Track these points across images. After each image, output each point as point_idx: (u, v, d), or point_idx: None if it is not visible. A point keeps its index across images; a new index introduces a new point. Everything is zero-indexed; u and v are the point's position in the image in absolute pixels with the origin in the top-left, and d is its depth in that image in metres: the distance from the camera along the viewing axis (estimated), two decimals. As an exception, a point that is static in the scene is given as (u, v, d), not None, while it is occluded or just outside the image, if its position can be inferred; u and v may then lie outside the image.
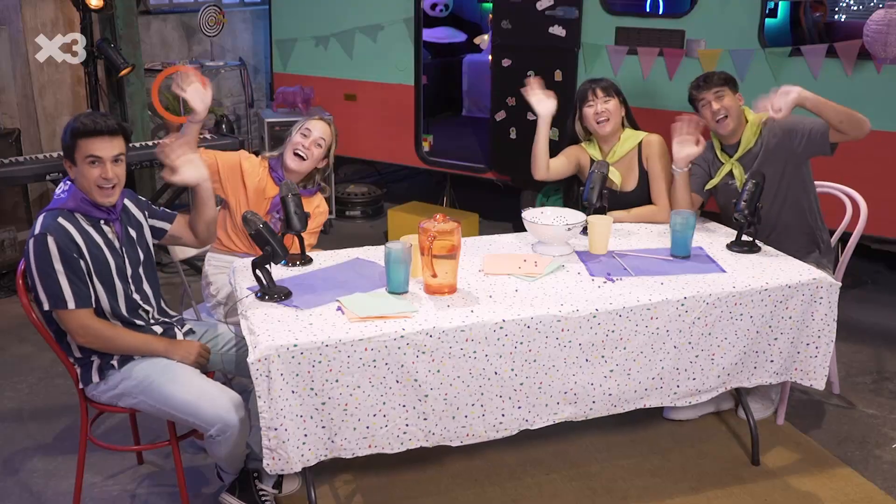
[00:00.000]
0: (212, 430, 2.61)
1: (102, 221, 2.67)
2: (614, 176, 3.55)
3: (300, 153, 3.32)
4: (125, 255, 2.72)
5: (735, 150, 3.41)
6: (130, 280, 2.73)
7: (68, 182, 2.68)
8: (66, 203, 2.62)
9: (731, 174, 3.42)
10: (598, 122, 3.55)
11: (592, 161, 3.64)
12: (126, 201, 2.80)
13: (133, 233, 2.77)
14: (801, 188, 3.40)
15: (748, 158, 3.39)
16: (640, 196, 3.59)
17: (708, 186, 3.50)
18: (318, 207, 3.44)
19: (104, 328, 2.63)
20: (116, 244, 2.70)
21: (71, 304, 2.56)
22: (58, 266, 2.53)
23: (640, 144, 3.59)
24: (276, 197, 3.34)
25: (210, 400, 2.61)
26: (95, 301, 2.62)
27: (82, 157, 2.59)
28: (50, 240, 2.52)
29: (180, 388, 2.63)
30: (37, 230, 2.55)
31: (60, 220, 2.58)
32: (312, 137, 3.33)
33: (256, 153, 3.59)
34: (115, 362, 2.67)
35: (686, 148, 3.37)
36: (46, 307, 2.57)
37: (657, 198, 3.55)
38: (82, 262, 2.58)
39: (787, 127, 3.33)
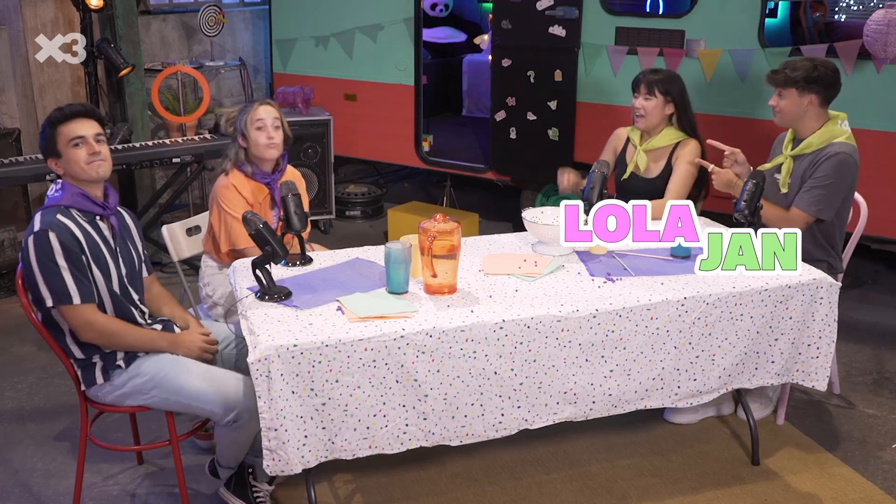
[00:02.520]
0: (230, 416, 2.62)
1: (98, 217, 2.69)
2: (640, 161, 3.72)
3: (272, 144, 3.32)
4: (118, 251, 2.73)
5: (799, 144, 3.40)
6: (126, 276, 2.74)
7: (59, 182, 2.70)
8: (61, 200, 2.63)
9: (779, 168, 3.41)
10: (634, 115, 3.71)
11: (627, 144, 3.81)
12: (123, 211, 2.83)
13: (126, 233, 2.80)
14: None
15: (800, 160, 3.37)
16: (661, 185, 3.70)
17: (759, 168, 3.50)
18: (298, 181, 3.43)
19: (108, 323, 2.63)
20: (111, 240, 2.71)
21: (76, 300, 2.56)
22: (61, 261, 2.53)
23: (676, 144, 3.71)
24: (275, 192, 3.35)
25: (226, 386, 2.63)
26: (96, 295, 2.63)
27: (65, 142, 2.62)
28: (52, 235, 2.52)
29: (195, 378, 2.64)
30: (36, 227, 2.55)
31: (59, 216, 2.58)
32: (270, 123, 3.32)
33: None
34: (121, 362, 2.67)
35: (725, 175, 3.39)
36: (50, 303, 2.56)
37: (668, 193, 3.64)
38: (83, 257, 2.59)
39: (831, 161, 3.25)
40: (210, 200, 3.39)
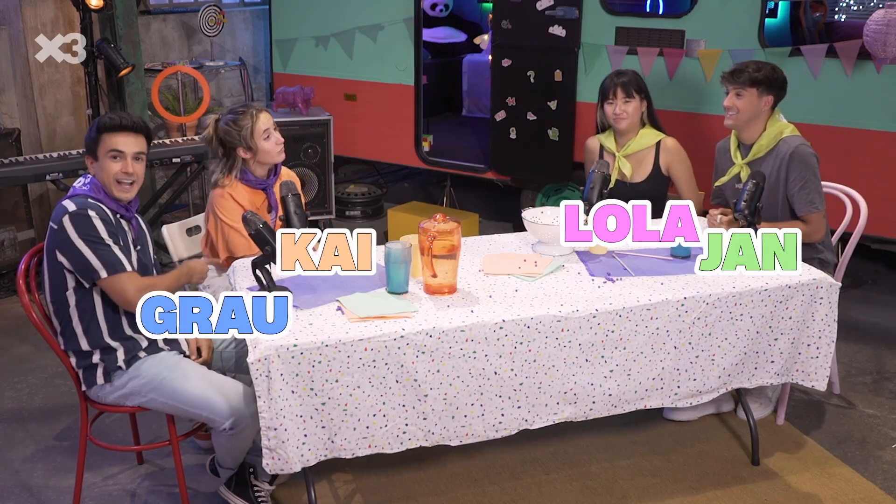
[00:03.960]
0: (226, 424, 2.62)
1: (119, 216, 2.72)
2: (624, 167, 3.71)
3: (282, 149, 3.31)
4: (139, 252, 2.76)
5: (748, 151, 3.42)
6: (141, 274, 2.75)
7: (88, 176, 2.74)
8: (88, 193, 2.67)
9: (738, 176, 3.42)
10: (615, 120, 3.69)
11: (602, 152, 3.80)
12: (140, 218, 2.87)
13: (143, 237, 2.84)
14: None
15: (756, 164, 3.39)
16: (650, 188, 3.70)
17: (717, 184, 3.52)
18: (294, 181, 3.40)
19: (150, 281, 2.68)
20: (131, 239, 2.74)
21: (128, 267, 2.61)
22: (105, 236, 2.59)
23: (657, 145, 3.72)
24: (272, 197, 3.34)
25: (224, 393, 2.63)
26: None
27: (105, 151, 2.66)
28: (91, 213, 2.59)
29: (193, 384, 2.65)
30: (71, 208, 2.59)
31: (90, 201, 2.64)
32: (273, 128, 3.29)
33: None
34: (121, 363, 2.67)
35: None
36: (104, 274, 2.58)
37: (688, 197, 3.68)
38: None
39: (796, 162, 3.30)
40: (206, 208, 3.36)
